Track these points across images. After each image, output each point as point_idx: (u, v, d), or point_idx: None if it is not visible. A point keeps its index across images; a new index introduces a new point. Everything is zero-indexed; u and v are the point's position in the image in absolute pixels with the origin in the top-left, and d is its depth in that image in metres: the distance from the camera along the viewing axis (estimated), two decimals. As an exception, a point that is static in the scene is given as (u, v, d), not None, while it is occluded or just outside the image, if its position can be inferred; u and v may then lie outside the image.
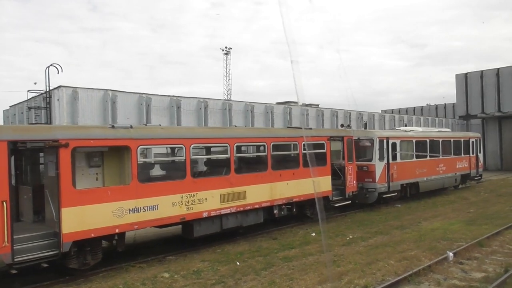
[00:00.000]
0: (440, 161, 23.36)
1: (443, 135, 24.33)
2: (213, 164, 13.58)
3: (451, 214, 17.94)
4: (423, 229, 14.94)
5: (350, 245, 12.73)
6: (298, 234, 14.53)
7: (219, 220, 12.62)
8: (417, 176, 21.45)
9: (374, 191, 18.72)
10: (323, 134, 16.11)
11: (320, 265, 10.62)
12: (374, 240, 13.35)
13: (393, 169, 19.66)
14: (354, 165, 17.45)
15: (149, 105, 19.34)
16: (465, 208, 19.54)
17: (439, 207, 19.80)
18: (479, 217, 16.93)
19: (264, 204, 13.73)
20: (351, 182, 17.20)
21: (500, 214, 17.47)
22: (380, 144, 19.03)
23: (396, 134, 20.41)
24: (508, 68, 43.41)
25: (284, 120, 26.15)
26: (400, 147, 20.27)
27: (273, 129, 16.33)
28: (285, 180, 14.37)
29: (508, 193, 24.59)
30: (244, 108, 24.11)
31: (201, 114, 21.52)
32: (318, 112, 28.70)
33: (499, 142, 44.57)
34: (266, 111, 24.99)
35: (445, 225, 15.51)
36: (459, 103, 47.43)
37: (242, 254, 12.00)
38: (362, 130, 19.79)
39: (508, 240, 13.02)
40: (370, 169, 18.70)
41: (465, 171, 26.18)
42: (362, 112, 32.19)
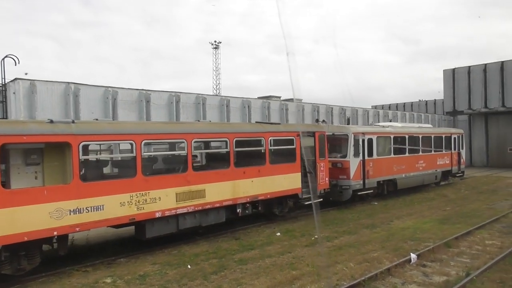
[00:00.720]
0: (419, 158, 22.84)
1: (424, 131, 23.80)
2: (168, 161, 12.91)
3: (426, 212, 17.41)
4: (393, 228, 14.39)
5: (313, 246, 12.13)
6: (263, 233, 13.92)
7: (175, 220, 11.97)
8: (395, 173, 20.91)
9: (348, 188, 18.14)
10: (293, 130, 15.48)
11: (275, 268, 10.03)
12: (340, 240, 12.77)
13: (369, 165, 19.09)
14: (326, 162, 16.85)
15: (116, 99, 18.58)
16: (442, 205, 19.02)
17: (416, 205, 19.28)
18: (454, 216, 16.42)
19: (226, 203, 13.09)
20: (323, 179, 16.60)
21: (476, 213, 16.97)
22: (355, 140, 18.44)
23: (372, 130, 19.84)
24: (495, 64, 43.00)
25: (262, 115, 25.48)
26: (376, 143, 19.70)
27: (236, 124, 15.64)
28: (249, 178, 13.73)
29: (489, 190, 24.15)
30: (220, 102, 23.42)
31: (173, 108, 20.80)
32: (298, 106, 28.05)
33: (485, 139, 44.24)
34: (243, 106, 24.32)
35: (417, 224, 14.97)
36: (446, 99, 47.02)
37: (197, 256, 11.37)
38: (337, 125, 19.19)
39: (478, 241, 12.49)
40: (344, 166, 18.11)
41: (446, 168, 25.70)
42: (344, 107, 31.58)
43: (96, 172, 11.41)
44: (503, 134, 43.34)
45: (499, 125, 43.68)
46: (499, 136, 43.64)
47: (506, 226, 14.52)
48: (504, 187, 25.32)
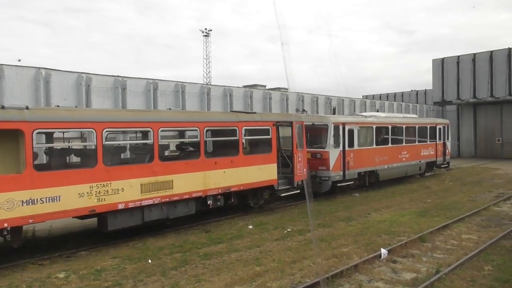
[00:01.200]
0: (403, 148, 22.47)
1: (407, 121, 23.41)
2: (133, 151, 12.39)
3: (407, 204, 17.07)
4: (370, 221, 14.02)
5: (284, 240, 11.73)
6: (235, 226, 13.49)
7: (140, 212, 11.49)
8: (377, 164, 20.54)
9: (327, 179, 17.74)
10: (268, 119, 14.98)
11: (239, 264, 9.61)
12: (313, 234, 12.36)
13: (350, 156, 18.68)
14: (304, 152, 16.39)
15: (89, 85, 17.93)
16: (423, 197, 18.71)
17: (397, 197, 18.95)
18: (434, 208, 16.09)
19: (195, 194, 12.62)
20: (300, 170, 16.15)
21: (457, 205, 16.66)
22: (335, 130, 18.00)
23: (354, 120, 19.39)
24: (484, 54, 42.65)
25: (245, 104, 24.93)
26: (358, 134, 19.27)
27: (208, 113, 15.10)
28: (221, 168, 13.25)
29: (473, 181, 23.90)
30: (200, 90, 22.81)
31: (150, 96, 20.18)
32: (282, 96, 27.51)
33: (474, 129, 44.09)
34: (225, 94, 23.73)
35: (395, 216, 14.62)
36: (435, 89, 46.69)
37: (162, 249, 10.92)
38: (317, 115, 18.72)
39: (454, 235, 12.15)
40: (324, 157, 17.68)
41: (431, 159, 25.39)
42: (330, 97, 31.07)
43: (52, 161, 10.87)
44: (491, 124, 43.19)
45: (488, 116, 43.51)
46: (487, 127, 43.50)
47: (485, 219, 14.21)
48: (489, 179, 25.10)
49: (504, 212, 15.29)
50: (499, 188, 21.15)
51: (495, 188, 21.19)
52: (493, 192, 19.96)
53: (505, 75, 40.99)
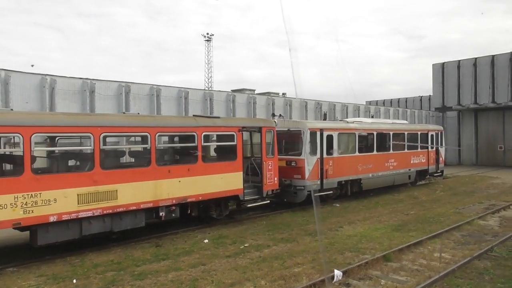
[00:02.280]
0: (390, 156, 21.32)
1: (395, 127, 22.25)
2: (70, 158, 11.46)
3: (386, 216, 15.93)
4: (339, 235, 12.92)
5: (236, 257, 10.68)
6: (192, 240, 12.47)
7: (78, 224, 10.52)
8: (360, 173, 19.41)
9: (303, 189, 16.66)
10: (233, 124, 13.97)
11: (172, 286, 8.59)
12: (271, 250, 11.31)
13: (328, 164, 17.58)
14: (275, 160, 15.35)
15: (54, 88, 17.08)
16: (407, 209, 17.55)
17: (379, 208, 17.80)
18: (414, 221, 14.94)
19: (144, 206, 11.63)
20: (270, 179, 15.11)
21: (440, 218, 15.49)
22: (312, 137, 16.93)
23: (333, 126, 18.31)
24: (485, 58, 41.30)
25: (227, 108, 23.95)
26: (338, 140, 18.18)
27: (161, 117, 14.08)
28: (176, 177, 12.26)
29: (466, 191, 22.65)
30: (178, 94, 21.88)
31: (122, 100, 19.30)
32: (268, 100, 26.49)
33: (475, 136, 42.68)
34: (205, 99, 22.76)
35: (368, 230, 13.49)
36: (435, 95, 45.38)
37: (97, 266, 9.94)
38: (293, 120, 17.68)
39: (426, 253, 11.01)
40: (299, 165, 16.62)
41: (422, 167, 24.19)
42: (320, 102, 29.97)
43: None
44: (493, 131, 41.78)
45: (489, 122, 42.11)
46: (488, 134, 42.08)
47: (466, 234, 13.04)
48: (484, 189, 23.81)
49: (489, 227, 14.09)
50: (492, 199, 19.90)
51: (487, 199, 19.94)
52: (484, 204, 18.73)
53: (507, 80, 39.60)
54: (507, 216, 15.81)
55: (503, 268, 9.65)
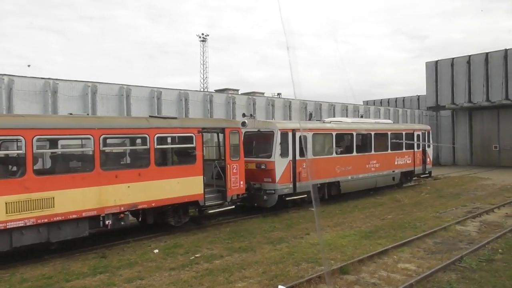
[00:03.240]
0: (371, 157, 20.41)
1: (378, 127, 21.33)
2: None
3: (360, 221, 15.02)
4: (302, 243, 12.03)
5: (181, 269, 9.82)
6: (141, 250, 11.60)
7: (7, 235, 9.66)
8: (338, 175, 18.50)
9: (273, 193, 15.76)
10: (192, 125, 13.11)
11: (95, 305, 7.71)
12: (222, 261, 10.43)
13: (302, 166, 16.69)
14: (241, 163, 14.48)
15: (12, 88, 16.26)
16: (385, 213, 16.64)
17: (356, 212, 16.90)
18: (388, 227, 14.04)
19: (87, 214, 10.77)
20: (235, 183, 14.25)
21: (417, 223, 14.59)
22: (283, 138, 16.05)
23: (307, 126, 17.42)
24: (479, 56, 40.34)
25: (204, 109, 23.12)
26: (313, 141, 17.29)
27: (106, 118, 13.18)
28: (124, 183, 11.41)
29: (452, 194, 21.71)
30: (150, 94, 21.04)
31: (88, 100, 18.47)
32: (249, 100, 25.61)
33: (469, 136, 41.70)
34: (180, 99, 21.94)
35: (336, 238, 12.60)
36: (428, 93, 44.43)
37: (25, 281, 9.10)
38: (263, 120, 16.80)
39: (390, 263, 10.12)
40: (269, 167, 15.73)
41: (407, 168, 23.26)
42: (306, 102, 29.06)
43: None
44: (488, 130, 40.81)
45: (484, 121, 41.15)
46: (483, 133, 41.12)
47: (439, 242, 12.14)
48: (472, 190, 22.87)
49: (466, 233, 13.17)
50: (477, 202, 18.98)
51: (472, 202, 19.02)
52: (468, 207, 17.81)
53: (501, 78, 38.62)
54: (488, 221, 14.89)
55: (468, 281, 8.76)
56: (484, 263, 9.95)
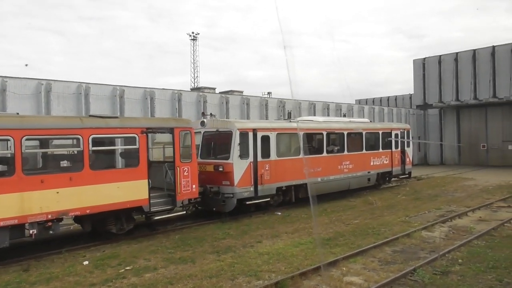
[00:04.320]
0: (344, 158, 19.47)
1: (351, 127, 20.40)
2: None
3: (322, 227, 14.09)
4: (250, 253, 11.08)
5: (102, 285, 8.84)
6: (71, 261, 10.63)
7: None
8: (306, 177, 17.54)
9: (231, 197, 14.82)
10: (134, 125, 12.13)
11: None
12: (153, 275, 9.48)
13: (264, 168, 15.74)
14: (193, 165, 13.51)
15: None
16: (353, 217, 15.71)
17: (322, 216, 15.96)
18: (350, 233, 13.09)
19: (6, 223, 9.79)
20: (187, 186, 13.28)
21: (382, 228, 13.64)
22: (242, 138, 15.09)
23: (270, 126, 16.46)
24: (467, 53, 39.47)
25: (172, 108, 22.16)
26: (277, 141, 16.34)
27: (30, 118, 12.10)
28: (52, 188, 10.43)
29: (430, 195, 20.79)
30: (112, 93, 20.04)
31: (41, 99, 17.51)
32: (222, 99, 24.63)
33: (457, 135, 40.84)
34: (145, 97, 20.95)
35: (288, 246, 11.65)
36: (416, 92, 43.56)
37: None
38: (221, 120, 15.84)
39: (337, 276, 9.17)
40: (227, 170, 14.78)
41: (384, 169, 22.34)
42: (283, 100, 28.09)
43: None
44: (476, 129, 39.96)
45: (472, 120, 40.30)
46: (471, 132, 40.27)
47: (399, 250, 11.21)
48: (451, 192, 21.96)
49: (430, 240, 12.24)
50: (453, 204, 18.07)
51: (448, 204, 18.11)
52: (442, 210, 16.89)
53: (489, 76, 37.75)
54: (459, 225, 13.96)
55: (413, 299, 7.81)
56: (439, 276, 9.01)
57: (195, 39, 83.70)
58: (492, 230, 12.92)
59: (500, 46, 37.34)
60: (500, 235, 12.42)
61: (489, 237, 12.17)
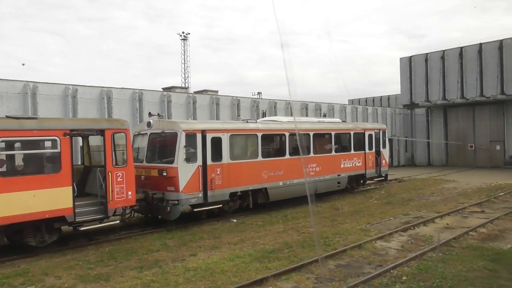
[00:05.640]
0: (310, 160, 18.34)
1: (318, 127, 19.26)
2: None
3: (271, 236, 12.97)
4: (176, 268, 9.96)
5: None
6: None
7: None
8: (266, 181, 16.43)
9: (177, 204, 13.68)
10: (55, 127, 11.00)
11: None
12: (53, 296, 8.32)
13: (215, 173, 14.61)
14: (129, 170, 12.39)
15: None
16: (311, 224, 14.54)
17: (278, 224, 14.85)
18: (298, 243, 11.98)
19: None
20: (121, 193, 12.15)
21: (336, 238, 12.54)
22: (189, 140, 13.96)
23: (223, 127, 15.31)
24: (454, 50, 38.33)
25: (133, 108, 21.06)
26: (230, 143, 15.21)
27: None
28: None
29: (404, 199, 19.66)
30: (64, 92, 18.89)
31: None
32: (188, 99, 23.50)
33: (444, 135, 39.70)
34: (102, 97, 19.82)
35: (223, 260, 10.51)
36: (403, 91, 42.33)
37: None
38: (167, 120, 14.71)
39: (258, 298, 8.01)
40: (171, 174, 13.64)
41: (357, 172, 21.20)
42: (257, 100, 26.96)
43: None
44: (463, 129, 38.85)
45: (459, 119, 39.17)
46: (458, 132, 39.15)
47: (343, 264, 10.11)
48: (427, 195, 20.83)
49: (383, 252, 11.11)
50: (424, 209, 16.95)
51: (419, 209, 17.02)
52: (409, 216, 15.77)
53: (476, 74, 36.61)
54: (420, 234, 12.83)
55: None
56: (372, 298, 7.87)
57: (186, 39, 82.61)
58: (453, 240, 11.78)
59: (487, 44, 36.21)
60: (460, 246, 11.28)
61: (447, 248, 11.03)
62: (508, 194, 20.35)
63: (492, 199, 18.97)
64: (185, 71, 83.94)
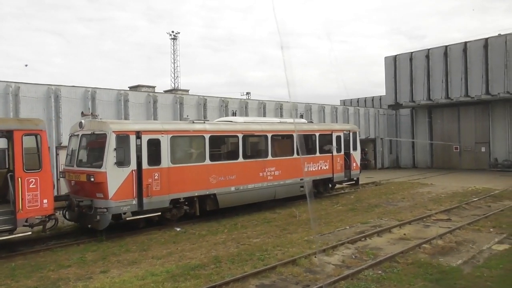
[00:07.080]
0: (267, 163, 17.11)
1: (277, 128, 18.03)
2: None
3: (203, 249, 11.74)
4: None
5: None
6: None
7: None
8: (214, 186, 15.20)
9: (105, 212, 12.44)
10: None
11: None
12: None
13: (152, 177, 13.38)
14: (44, 175, 11.17)
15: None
16: (257, 235, 13.42)
17: (221, 234, 13.61)
18: (230, 258, 10.76)
19: None
20: (34, 202, 10.95)
21: (275, 250, 11.35)
22: (120, 142, 12.74)
23: (162, 127, 14.07)
24: (439, 49, 37.15)
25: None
26: (171, 146, 13.98)
27: None
28: None
29: (370, 205, 18.45)
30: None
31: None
32: (148, 98, 22.25)
33: (429, 136, 38.53)
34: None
35: (134, 278, 9.28)
36: (388, 91, 41.09)
37: None
38: (98, 120, 13.49)
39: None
40: (98, 180, 12.40)
41: (323, 175, 19.98)
42: (226, 99, 25.71)
43: None
44: (448, 130, 37.69)
45: (444, 120, 37.99)
46: (443, 133, 37.99)
47: (266, 284, 8.89)
48: (396, 201, 19.62)
49: (318, 268, 9.88)
50: (387, 217, 15.78)
51: (381, 217, 15.86)
52: (369, 224, 14.58)
53: (461, 73, 35.42)
54: (370, 246, 11.62)
55: None
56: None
57: (175, 39, 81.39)
58: (400, 254, 10.55)
59: (472, 42, 35.03)
60: (406, 261, 10.06)
61: (389, 265, 9.81)
62: (483, 199, 19.16)
63: (464, 205, 17.76)
64: (174, 71, 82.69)
